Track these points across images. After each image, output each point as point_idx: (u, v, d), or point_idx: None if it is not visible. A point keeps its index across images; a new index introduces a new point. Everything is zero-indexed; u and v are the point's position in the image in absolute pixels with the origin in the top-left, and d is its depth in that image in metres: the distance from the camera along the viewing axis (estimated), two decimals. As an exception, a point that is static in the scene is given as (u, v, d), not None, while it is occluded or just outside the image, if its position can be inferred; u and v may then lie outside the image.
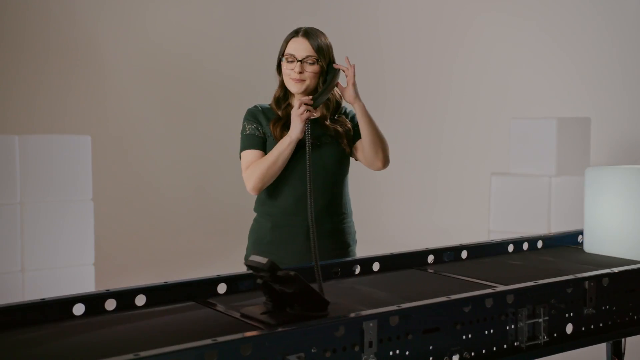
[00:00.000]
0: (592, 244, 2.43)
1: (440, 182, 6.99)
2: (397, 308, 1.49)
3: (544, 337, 1.70)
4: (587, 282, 1.79)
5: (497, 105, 7.01)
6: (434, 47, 7.57)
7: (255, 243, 2.53)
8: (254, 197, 2.57)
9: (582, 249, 2.48)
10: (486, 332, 1.62)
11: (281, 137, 2.41)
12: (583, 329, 1.79)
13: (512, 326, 1.66)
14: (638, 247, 2.29)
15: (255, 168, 2.42)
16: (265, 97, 2.61)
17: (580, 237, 2.56)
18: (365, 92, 2.53)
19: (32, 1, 6.88)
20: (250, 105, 2.57)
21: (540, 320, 1.69)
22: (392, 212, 6.88)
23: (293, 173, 2.44)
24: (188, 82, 7.64)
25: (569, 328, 1.76)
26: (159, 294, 1.75)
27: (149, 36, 7.47)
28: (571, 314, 1.77)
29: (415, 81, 7.60)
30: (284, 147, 2.38)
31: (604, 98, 6.23)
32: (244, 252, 2.59)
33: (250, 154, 2.47)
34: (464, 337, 1.58)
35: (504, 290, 1.66)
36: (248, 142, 2.48)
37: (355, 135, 2.52)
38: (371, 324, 1.43)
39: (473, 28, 7.31)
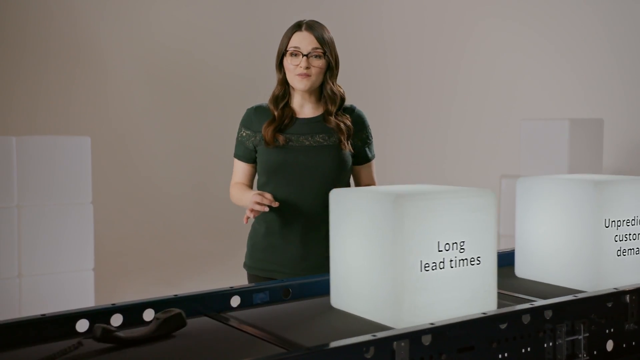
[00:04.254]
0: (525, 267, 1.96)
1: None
2: (430, 326, 1.38)
3: (584, 355, 1.58)
4: (628, 295, 1.67)
5: (506, 106, 6.88)
6: (441, 47, 7.46)
7: (252, 249, 2.49)
8: None
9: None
10: (523, 350, 1.51)
11: (273, 141, 2.35)
12: (624, 345, 1.67)
13: (550, 343, 1.54)
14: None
15: (233, 193, 2.50)
16: (267, 96, 2.53)
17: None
18: (370, 93, 2.49)
19: (33, 2, 6.77)
20: (250, 105, 2.53)
21: (581, 337, 1.57)
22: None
23: (284, 179, 2.37)
24: (189, 84, 7.54)
25: (610, 345, 1.65)
26: (169, 307, 1.63)
27: (149, 37, 7.38)
28: (611, 330, 1.65)
29: (422, 82, 7.48)
30: (243, 204, 2.41)
31: (617, 99, 6.10)
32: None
33: (236, 165, 2.50)
34: (500, 355, 1.47)
35: (541, 305, 1.54)
36: (237, 150, 2.49)
37: (359, 155, 2.47)
38: (402, 344, 1.32)
39: (481, 27, 7.19)
